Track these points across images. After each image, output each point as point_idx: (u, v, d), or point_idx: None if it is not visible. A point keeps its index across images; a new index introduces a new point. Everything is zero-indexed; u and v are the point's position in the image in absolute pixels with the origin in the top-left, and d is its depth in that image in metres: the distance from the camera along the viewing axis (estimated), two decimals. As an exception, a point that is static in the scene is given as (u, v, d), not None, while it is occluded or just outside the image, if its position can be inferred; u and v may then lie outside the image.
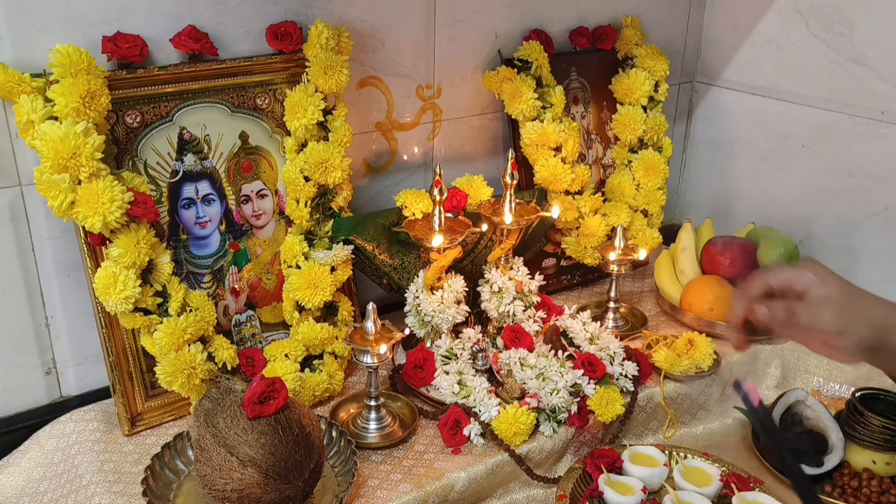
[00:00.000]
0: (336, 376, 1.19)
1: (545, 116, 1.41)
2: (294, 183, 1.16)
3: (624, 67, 1.57)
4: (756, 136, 1.69)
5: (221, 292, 1.17)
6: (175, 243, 1.13)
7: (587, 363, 1.19)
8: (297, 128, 1.15)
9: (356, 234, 1.20)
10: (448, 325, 1.22)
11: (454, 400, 1.14)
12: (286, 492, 0.89)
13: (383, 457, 1.08)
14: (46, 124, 0.96)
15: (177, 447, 1.03)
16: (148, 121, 1.09)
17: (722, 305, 1.39)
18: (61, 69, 0.97)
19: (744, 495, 1.04)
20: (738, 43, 1.68)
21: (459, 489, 1.04)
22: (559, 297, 1.53)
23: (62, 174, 0.96)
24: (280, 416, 0.90)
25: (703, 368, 1.27)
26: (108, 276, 1.00)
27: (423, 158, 1.45)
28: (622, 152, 1.56)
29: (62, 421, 1.12)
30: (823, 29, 1.52)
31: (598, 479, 1.04)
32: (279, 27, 1.17)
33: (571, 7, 1.52)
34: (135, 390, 1.11)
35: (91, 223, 0.97)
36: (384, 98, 1.35)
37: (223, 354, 1.11)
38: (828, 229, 1.59)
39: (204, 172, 1.15)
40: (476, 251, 1.29)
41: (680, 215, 1.90)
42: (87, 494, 0.99)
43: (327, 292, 1.16)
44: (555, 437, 1.13)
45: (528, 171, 1.44)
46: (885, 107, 1.45)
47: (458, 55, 1.41)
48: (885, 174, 1.48)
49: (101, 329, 1.07)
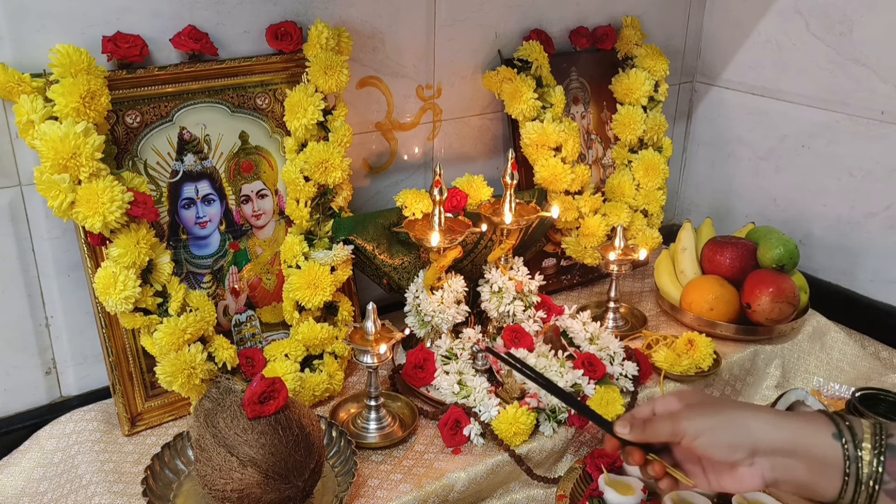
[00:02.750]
0: (336, 376, 1.19)
1: (545, 116, 1.41)
2: (294, 183, 1.16)
3: (624, 67, 1.57)
4: (756, 136, 1.69)
5: (221, 292, 1.17)
6: (175, 243, 1.13)
7: (587, 363, 1.19)
8: (297, 128, 1.15)
9: (356, 234, 1.20)
10: (448, 325, 1.22)
11: (454, 400, 1.14)
12: (286, 492, 0.89)
13: (383, 457, 1.08)
14: (46, 124, 0.96)
15: (177, 447, 1.03)
16: (148, 121, 1.09)
17: (722, 305, 1.39)
18: (61, 69, 0.97)
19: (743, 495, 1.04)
20: (738, 43, 1.68)
21: (459, 489, 1.04)
22: (559, 297, 1.53)
23: (62, 174, 0.96)
24: (280, 416, 0.90)
25: (703, 368, 1.27)
26: (108, 276, 1.00)
27: (423, 158, 1.45)
28: (622, 152, 1.56)
29: (62, 421, 1.12)
30: (823, 29, 1.52)
31: (598, 479, 1.04)
32: (279, 27, 1.17)
33: (571, 7, 1.52)
34: (135, 390, 1.11)
35: (91, 223, 0.97)
36: (384, 98, 1.35)
37: (223, 354, 1.11)
38: (828, 229, 1.59)
39: (204, 172, 1.15)
40: (476, 251, 1.29)
41: (680, 215, 1.90)
42: (87, 494, 0.99)
43: (327, 292, 1.16)
44: (555, 437, 1.13)
45: (528, 171, 1.44)
46: (885, 107, 1.45)
47: (458, 55, 1.41)
48: (885, 174, 1.48)
49: (101, 329, 1.07)
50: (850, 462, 0.72)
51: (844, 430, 0.73)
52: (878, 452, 0.71)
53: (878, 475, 0.71)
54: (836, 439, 0.73)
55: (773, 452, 0.74)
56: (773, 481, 0.75)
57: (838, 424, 0.74)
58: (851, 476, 0.72)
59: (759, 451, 0.74)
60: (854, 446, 0.72)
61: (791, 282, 1.36)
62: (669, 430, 0.77)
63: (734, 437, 0.74)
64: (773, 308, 1.34)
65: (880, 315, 1.50)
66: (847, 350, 1.43)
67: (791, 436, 0.74)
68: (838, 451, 0.72)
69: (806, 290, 1.45)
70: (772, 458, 0.74)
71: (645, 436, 0.78)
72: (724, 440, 0.74)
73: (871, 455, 0.71)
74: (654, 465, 0.79)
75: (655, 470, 0.79)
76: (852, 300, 1.54)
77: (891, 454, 0.71)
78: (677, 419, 0.76)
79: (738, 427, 0.75)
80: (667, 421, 0.77)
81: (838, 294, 1.56)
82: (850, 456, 0.72)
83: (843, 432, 0.73)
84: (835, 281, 1.59)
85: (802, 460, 0.73)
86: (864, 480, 0.71)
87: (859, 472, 0.71)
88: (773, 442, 0.74)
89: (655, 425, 0.78)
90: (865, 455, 0.71)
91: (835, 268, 1.59)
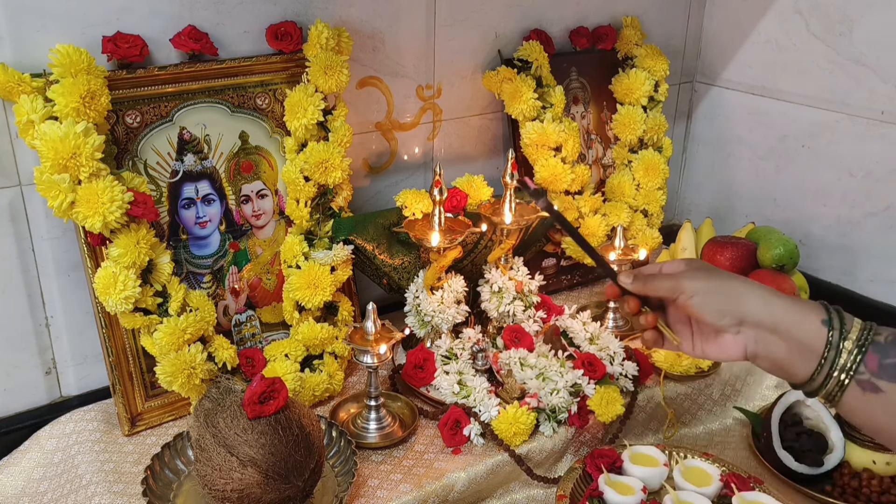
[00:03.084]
0: (336, 376, 1.19)
1: (545, 116, 1.41)
2: (294, 183, 1.16)
3: (624, 67, 1.57)
4: (756, 136, 1.69)
5: (221, 292, 1.17)
6: (175, 243, 1.13)
7: (587, 363, 1.19)
8: (297, 128, 1.15)
9: (356, 234, 1.20)
10: (448, 325, 1.22)
11: (454, 400, 1.14)
12: (286, 492, 0.89)
13: (383, 457, 1.08)
14: (46, 124, 0.96)
15: (177, 447, 1.03)
16: (148, 121, 1.09)
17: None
18: (61, 69, 0.97)
19: (744, 495, 1.04)
20: (738, 43, 1.68)
21: (459, 489, 1.04)
22: (559, 297, 1.53)
23: (62, 174, 0.96)
24: (280, 416, 0.90)
25: (703, 368, 1.27)
26: (108, 276, 1.00)
27: (423, 158, 1.45)
28: (622, 152, 1.56)
29: (62, 421, 1.12)
30: (823, 29, 1.52)
31: (598, 479, 1.04)
32: (279, 27, 1.17)
33: (571, 7, 1.52)
34: (135, 390, 1.11)
35: (91, 223, 0.97)
36: (384, 98, 1.35)
37: (223, 354, 1.11)
38: (828, 229, 1.59)
39: (204, 172, 1.15)
40: (476, 251, 1.29)
41: (680, 215, 1.90)
42: (87, 494, 0.99)
43: (327, 292, 1.16)
44: (555, 437, 1.13)
45: (528, 171, 1.44)
46: (885, 107, 1.45)
47: (458, 55, 1.41)
48: (885, 174, 1.48)
49: (101, 329, 1.07)
50: (830, 349, 0.74)
51: (834, 319, 0.76)
52: (861, 345, 0.74)
53: (855, 365, 0.73)
54: (825, 325, 0.75)
55: (759, 325, 0.78)
56: (753, 355, 0.79)
57: (829, 313, 0.76)
58: (827, 361, 0.75)
59: (745, 322, 0.78)
60: (839, 335, 0.75)
61: (791, 282, 1.36)
62: (670, 285, 0.81)
63: (726, 303, 0.79)
64: (773, 308, 1.33)
65: (880, 315, 1.50)
66: (847, 350, 1.42)
67: (779, 313, 0.77)
68: (822, 336, 0.75)
69: (806, 290, 1.45)
70: (756, 331, 0.78)
71: (646, 288, 0.83)
72: (715, 303, 0.79)
73: (854, 345, 0.74)
74: (647, 314, 0.84)
75: (648, 319, 0.84)
76: (852, 300, 1.54)
77: (873, 349, 0.73)
78: (679, 277, 0.81)
79: (732, 295, 0.79)
80: (669, 278, 0.81)
81: (838, 294, 1.56)
82: (832, 343, 0.74)
83: (833, 321, 0.76)
84: (835, 281, 1.59)
85: (784, 338, 0.77)
86: (838, 367, 0.74)
87: (836, 360, 0.74)
88: (761, 315, 0.77)
89: (657, 280, 0.82)
90: (848, 345, 0.74)
91: (835, 268, 1.59)
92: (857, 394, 0.73)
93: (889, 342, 0.73)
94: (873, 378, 0.73)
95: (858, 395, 0.73)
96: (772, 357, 0.78)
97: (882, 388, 0.72)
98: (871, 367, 0.73)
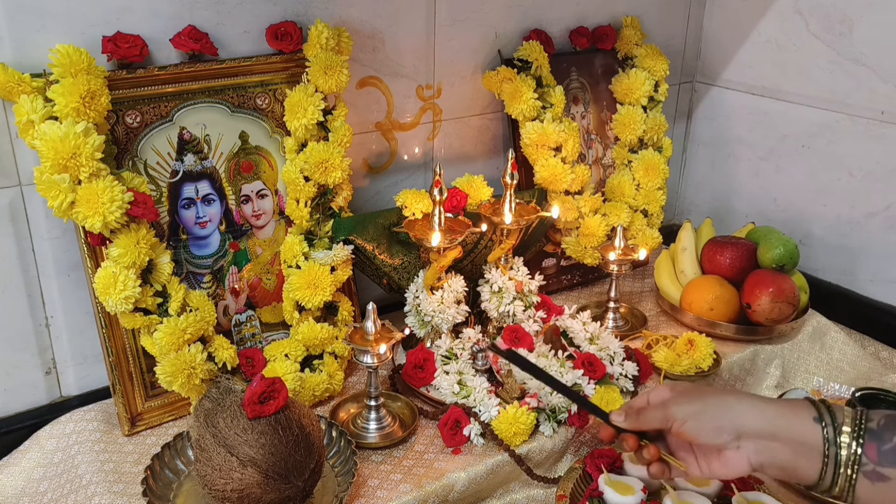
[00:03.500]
0: (336, 376, 1.19)
1: (545, 116, 1.41)
2: (294, 183, 1.16)
3: (624, 67, 1.57)
4: (756, 136, 1.69)
5: (221, 292, 1.17)
6: (175, 243, 1.13)
7: (587, 363, 1.19)
8: (297, 128, 1.15)
9: (356, 234, 1.20)
10: (448, 325, 1.22)
11: (454, 400, 1.14)
12: (286, 492, 0.89)
13: (383, 457, 1.08)
14: (46, 124, 0.96)
15: (177, 447, 1.03)
16: (148, 121, 1.09)
17: (722, 305, 1.39)
18: (61, 69, 0.97)
19: (744, 495, 1.04)
20: (738, 43, 1.68)
21: (459, 489, 1.04)
22: (559, 297, 1.53)
23: (62, 174, 0.96)
24: (280, 416, 0.90)
25: (703, 368, 1.27)
26: (108, 276, 1.00)
27: (423, 158, 1.45)
28: (622, 152, 1.56)
29: (62, 421, 1.12)
30: (823, 29, 1.52)
31: (598, 479, 1.04)
32: (279, 27, 1.17)
33: (571, 7, 1.52)
34: (135, 390, 1.11)
35: (91, 223, 0.97)
36: (384, 98, 1.35)
37: (223, 354, 1.11)
38: (828, 229, 1.59)
39: (204, 172, 1.15)
40: (476, 251, 1.29)
41: (680, 215, 1.90)
42: (87, 494, 0.99)
43: (327, 292, 1.16)
44: (555, 437, 1.13)
45: (528, 171, 1.44)
46: (885, 107, 1.45)
47: (458, 55, 1.41)
48: (885, 174, 1.48)
49: (101, 329, 1.07)
50: (829, 445, 0.74)
51: (825, 414, 0.76)
52: (857, 436, 0.74)
53: (857, 457, 0.73)
54: (817, 423, 0.75)
55: (757, 436, 0.77)
56: (758, 465, 0.78)
57: (819, 409, 0.76)
58: (831, 459, 0.74)
59: (743, 435, 0.77)
60: (833, 430, 0.75)
61: (791, 282, 1.36)
62: (660, 416, 0.81)
63: (719, 421, 0.78)
64: (773, 308, 1.34)
65: (880, 315, 1.50)
66: (847, 350, 1.43)
67: (773, 419, 0.77)
68: (818, 434, 0.75)
69: (806, 290, 1.45)
70: (756, 442, 0.77)
71: (639, 423, 0.84)
72: (709, 423, 0.78)
73: (851, 438, 0.74)
74: (648, 448, 0.84)
75: (650, 453, 0.83)
76: (852, 300, 1.55)
77: (870, 437, 0.73)
78: (667, 406, 0.81)
79: (723, 411, 0.79)
80: (658, 409, 0.82)
81: (838, 294, 1.57)
82: (829, 439, 0.74)
83: (823, 416, 0.76)
84: (835, 281, 1.59)
85: (785, 443, 0.76)
86: (842, 463, 0.74)
87: (838, 455, 0.74)
88: (757, 425, 0.77)
89: (648, 413, 0.83)
90: (845, 438, 0.74)
91: (835, 268, 1.59)
92: (868, 486, 0.73)
93: (882, 426, 0.73)
94: (877, 468, 0.72)
95: (869, 487, 0.73)
96: (778, 463, 0.77)
97: (888, 476, 0.72)
98: (872, 456, 0.73)
